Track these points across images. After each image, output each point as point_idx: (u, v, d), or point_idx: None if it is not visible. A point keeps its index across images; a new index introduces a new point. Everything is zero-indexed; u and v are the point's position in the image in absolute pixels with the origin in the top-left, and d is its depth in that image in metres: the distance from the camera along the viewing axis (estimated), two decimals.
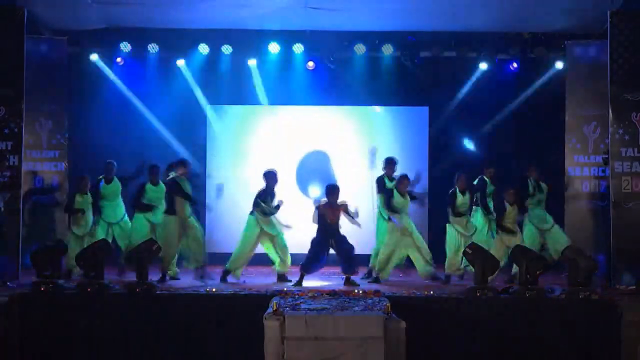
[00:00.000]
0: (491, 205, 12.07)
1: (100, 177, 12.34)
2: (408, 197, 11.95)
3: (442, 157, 14.49)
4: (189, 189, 11.77)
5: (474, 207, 12.19)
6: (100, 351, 9.70)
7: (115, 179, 12.34)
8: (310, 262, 11.51)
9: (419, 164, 14.23)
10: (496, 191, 12.16)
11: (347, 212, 11.58)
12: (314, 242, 11.59)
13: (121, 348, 9.69)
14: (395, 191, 11.90)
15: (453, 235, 11.81)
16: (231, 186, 14.38)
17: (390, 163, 12.45)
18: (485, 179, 12.29)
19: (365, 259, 12.31)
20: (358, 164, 14.44)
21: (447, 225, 11.90)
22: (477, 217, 12.19)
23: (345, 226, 11.75)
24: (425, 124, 14.59)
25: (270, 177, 11.92)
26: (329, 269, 12.26)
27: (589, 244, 12.24)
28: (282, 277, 11.70)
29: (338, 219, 11.58)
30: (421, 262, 11.83)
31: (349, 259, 11.52)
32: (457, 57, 14.07)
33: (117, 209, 12.36)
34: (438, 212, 14.03)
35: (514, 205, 11.55)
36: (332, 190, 11.65)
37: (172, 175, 11.85)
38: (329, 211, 11.51)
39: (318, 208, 11.60)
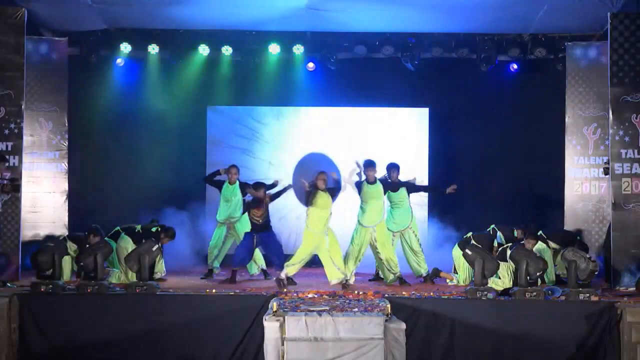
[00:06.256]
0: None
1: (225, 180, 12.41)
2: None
3: (442, 159, 14.50)
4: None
5: None
6: (100, 351, 9.67)
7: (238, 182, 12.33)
8: (237, 257, 11.69)
9: (420, 165, 14.26)
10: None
11: (271, 198, 11.68)
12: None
13: (121, 348, 9.68)
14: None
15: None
16: None
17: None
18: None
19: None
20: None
21: None
22: None
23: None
24: (425, 125, 14.59)
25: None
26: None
27: (589, 246, 12.24)
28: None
29: (264, 215, 11.64)
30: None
31: (277, 257, 11.63)
32: (458, 59, 14.08)
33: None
34: (438, 213, 14.10)
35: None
36: (256, 187, 11.73)
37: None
38: (254, 208, 11.65)
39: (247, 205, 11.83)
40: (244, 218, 12.04)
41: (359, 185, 11.69)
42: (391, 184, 11.88)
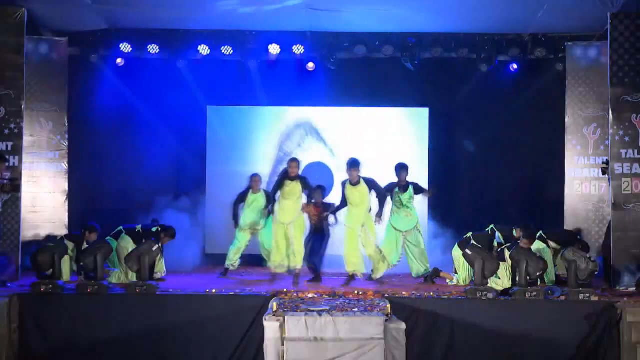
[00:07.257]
0: None
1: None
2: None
3: (442, 159, 14.49)
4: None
5: None
6: (100, 352, 9.69)
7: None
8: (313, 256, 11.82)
9: (420, 165, 14.24)
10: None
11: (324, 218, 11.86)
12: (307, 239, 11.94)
13: (121, 348, 9.68)
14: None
15: None
16: (231, 188, 14.34)
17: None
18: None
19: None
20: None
21: None
22: None
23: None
24: (425, 126, 14.58)
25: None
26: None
27: (589, 246, 12.24)
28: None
29: (319, 219, 11.87)
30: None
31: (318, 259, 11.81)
32: (458, 59, 14.07)
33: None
34: (438, 213, 14.09)
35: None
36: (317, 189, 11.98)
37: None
38: (312, 209, 11.84)
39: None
40: (269, 225, 12.10)
41: (343, 186, 11.78)
42: (400, 185, 12.05)
